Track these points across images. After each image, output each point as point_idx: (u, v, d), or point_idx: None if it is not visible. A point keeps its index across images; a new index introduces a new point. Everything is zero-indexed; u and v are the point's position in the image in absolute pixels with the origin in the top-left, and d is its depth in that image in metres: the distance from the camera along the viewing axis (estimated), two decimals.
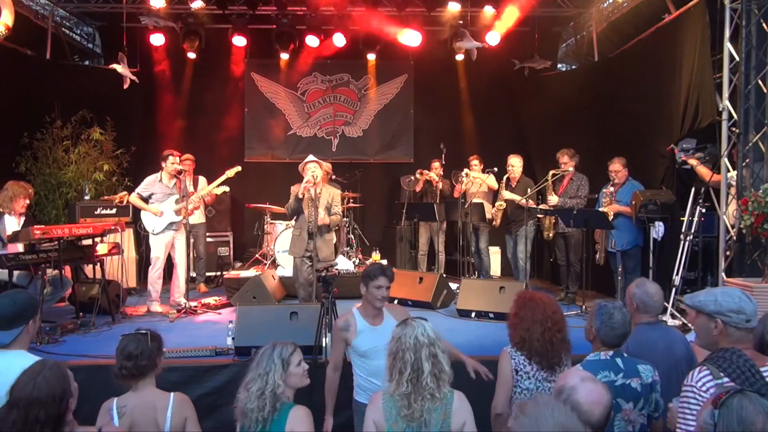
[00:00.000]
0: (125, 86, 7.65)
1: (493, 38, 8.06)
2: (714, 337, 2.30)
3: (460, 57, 8.46)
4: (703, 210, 5.44)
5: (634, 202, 5.85)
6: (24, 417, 2.09)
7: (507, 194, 7.06)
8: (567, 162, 6.75)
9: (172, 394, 2.69)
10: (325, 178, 5.85)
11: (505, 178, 7.18)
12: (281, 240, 7.44)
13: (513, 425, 1.70)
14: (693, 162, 5.68)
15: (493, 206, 7.46)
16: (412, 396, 2.34)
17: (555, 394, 2.09)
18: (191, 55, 8.35)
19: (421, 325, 2.46)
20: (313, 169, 5.64)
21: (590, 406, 1.96)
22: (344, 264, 7.38)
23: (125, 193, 7.27)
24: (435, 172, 7.86)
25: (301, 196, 5.56)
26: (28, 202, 5.46)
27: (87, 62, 9.31)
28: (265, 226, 8.09)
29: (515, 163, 7.16)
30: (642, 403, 2.57)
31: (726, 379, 2.12)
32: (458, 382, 3.05)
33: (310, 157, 5.73)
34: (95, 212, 7.09)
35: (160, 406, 2.61)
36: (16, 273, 5.06)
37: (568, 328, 2.96)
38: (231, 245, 8.44)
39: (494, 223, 7.27)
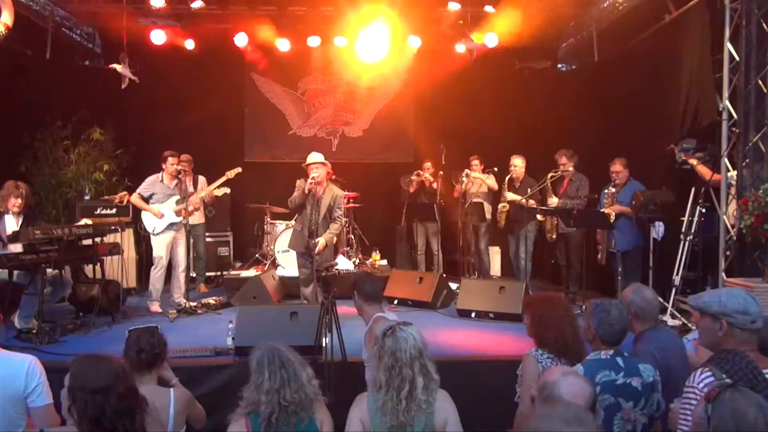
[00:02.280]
0: (123, 86, 7.64)
1: (491, 39, 8.08)
2: (718, 339, 2.29)
3: (461, 48, 8.34)
4: (703, 210, 5.44)
5: (634, 203, 5.85)
6: (126, 388, 2.13)
7: (510, 195, 7.06)
8: (566, 163, 6.74)
9: (171, 390, 2.76)
10: (327, 178, 5.87)
11: (507, 178, 7.18)
12: (281, 240, 7.44)
13: (536, 411, 1.76)
14: (693, 162, 5.68)
15: (492, 206, 7.47)
16: (405, 409, 2.33)
17: (538, 391, 2.11)
18: (190, 51, 8.34)
19: (411, 336, 2.42)
20: (315, 169, 5.66)
21: (573, 398, 2.01)
22: (344, 264, 7.38)
23: (125, 193, 7.26)
24: (428, 173, 7.87)
25: (307, 192, 5.57)
26: (20, 201, 5.38)
27: (87, 62, 9.30)
28: (265, 226, 8.09)
29: (518, 164, 7.15)
30: (643, 402, 2.56)
31: (728, 381, 2.12)
32: (457, 382, 3.06)
33: (316, 157, 5.73)
34: (95, 212, 7.10)
35: (163, 404, 2.66)
36: (15, 273, 5.07)
37: None
38: (231, 245, 8.44)
39: (499, 224, 7.25)
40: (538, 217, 6.80)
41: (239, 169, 6.78)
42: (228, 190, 6.95)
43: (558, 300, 2.99)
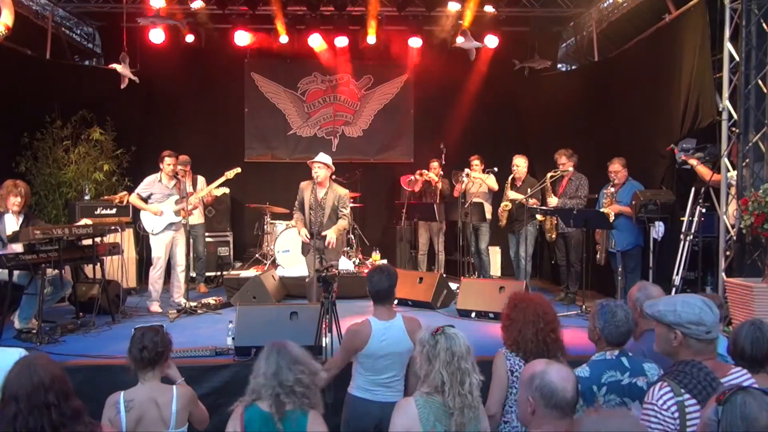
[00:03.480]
0: (122, 86, 7.64)
1: (491, 41, 8.07)
2: (674, 348, 2.26)
3: (460, 40, 8.08)
4: (703, 210, 5.44)
5: (634, 202, 5.85)
6: (31, 404, 2.12)
7: (512, 194, 7.05)
8: (565, 162, 6.74)
9: (174, 387, 2.79)
10: (329, 178, 5.87)
11: (510, 178, 7.17)
12: (281, 240, 7.44)
13: (582, 418, 1.78)
14: (693, 162, 5.68)
15: (492, 206, 7.47)
16: (464, 408, 2.32)
17: (527, 383, 2.11)
18: (190, 51, 8.33)
19: (459, 333, 2.44)
20: (316, 169, 5.66)
21: (563, 383, 2.04)
22: (344, 264, 7.37)
23: (125, 193, 7.27)
24: (434, 172, 7.86)
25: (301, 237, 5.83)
26: (20, 200, 5.38)
27: (87, 62, 9.30)
28: (265, 226, 8.09)
29: (520, 163, 7.15)
30: None
31: (687, 396, 2.10)
32: None
33: (323, 157, 5.73)
34: (95, 212, 7.08)
35: (165, 401, 2.69)
36: (16, 273, 5.07)
37: (561, 327, 2.94)
38: (231, 245, 8.43)
39: (500, 223, 7.23)
40: (538, 216, 6.79)
41: (239, 170, 6.77)
42: (227, 190, 6.95)
43: (529, 302, 2.90)
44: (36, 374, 2.17)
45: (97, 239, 5.59)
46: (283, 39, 8.36)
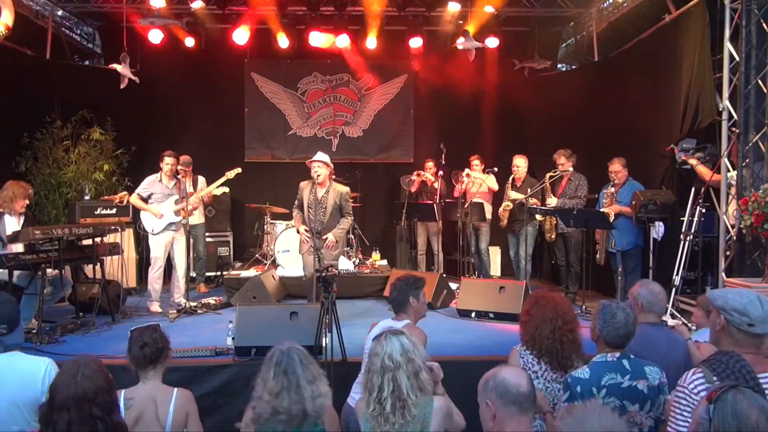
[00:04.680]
0: (122, 86, 7.65)
1: (492, 42, 8.08)
2: (717, 333, 2.30)
3: (461, 47, 8.10)
4: (703, 210, 5.44)
5: (634, 202, 5.85)
6: (78, 416, 2.12)
7: (513, 194, 7.05)
8: (564, 163, 6.74)
9: (175, 389, 2.76)
10: (329, 177, 5.88)
11: (510, 178, 7.17)
12: (281, 240, 7.44)
13: (559, 425, 1.77)
14: (693, 162, 5.69)
15: (493, 206, 7.47)
16: (391, 414, 2.30)
17: (482, 390, 2.12)
18: (190, 51, 8.33)
19: (396, 341, 2.39)
20: (316, 168, 5.66)
21: (517, 379, 2.08)
22: (344, 264, 7.38)
23: (125, 193, 7.27)
24: (429, 172, 7.86)
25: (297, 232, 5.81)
26: (27, 202, 5.44)
27: (87, 62, 9.31)
28: (265, 226, 8.09)
29: (520, 164, 7.14)
30: (649, 405, 2.55)
31: (718, 384, 2.10)
32: (457, 382, 3.06)
33: (320, 156, 5.73)
34: (95, 212, 7.09)
35: (164, 400, 2.67)
36: (16, 273, 5.07)
37: (580, 329, 2.94)
38: (231, 245, 8.44)
39: (501, 223, 7.22)
40: (537, 216, 6.79)
41: (239, 170, 6.78)
42: (227, 190, 6.95)
43: (549, 300, 2.92)
44: (80, 385, 2.15)
45: (97, 239, 5.59)
46: (283, 39, 8.37)
